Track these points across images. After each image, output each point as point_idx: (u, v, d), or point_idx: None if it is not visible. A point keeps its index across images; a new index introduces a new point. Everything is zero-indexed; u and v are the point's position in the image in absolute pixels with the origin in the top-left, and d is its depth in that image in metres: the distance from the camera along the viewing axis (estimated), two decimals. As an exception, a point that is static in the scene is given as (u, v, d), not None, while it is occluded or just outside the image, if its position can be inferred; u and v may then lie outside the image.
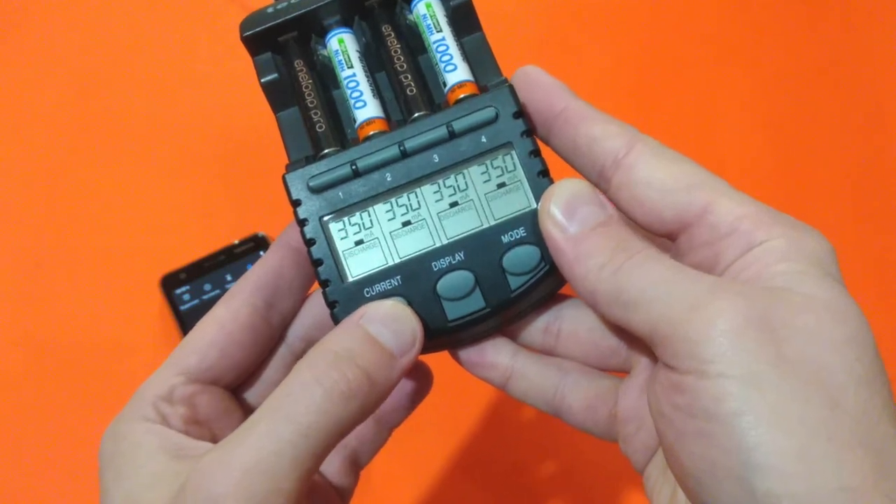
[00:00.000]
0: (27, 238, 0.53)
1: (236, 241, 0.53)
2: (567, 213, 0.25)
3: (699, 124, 0.55)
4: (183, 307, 0.49)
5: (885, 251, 0.52)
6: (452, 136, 0.27)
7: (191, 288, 0.51)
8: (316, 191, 0.28)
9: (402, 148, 0.27)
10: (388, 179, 0.27)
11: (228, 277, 0.49)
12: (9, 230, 0.54)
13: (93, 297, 0.51)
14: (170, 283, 0.51)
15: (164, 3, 0.58)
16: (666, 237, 0.26)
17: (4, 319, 0.51)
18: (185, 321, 0.50)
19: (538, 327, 0.29)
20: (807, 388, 0.21)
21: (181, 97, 0.55)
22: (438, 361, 0.30)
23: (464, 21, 0.30)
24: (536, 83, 0.28)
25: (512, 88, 0.27)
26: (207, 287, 0.49)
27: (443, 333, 0.27)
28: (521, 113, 0.27)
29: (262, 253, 0.50)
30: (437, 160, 0.27)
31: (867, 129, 0.54)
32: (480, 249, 0.27)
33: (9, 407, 0.50)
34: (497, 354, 0.29)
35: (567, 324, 0.29)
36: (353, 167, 0.27)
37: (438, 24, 0.29)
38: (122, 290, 0.50)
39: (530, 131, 0.27)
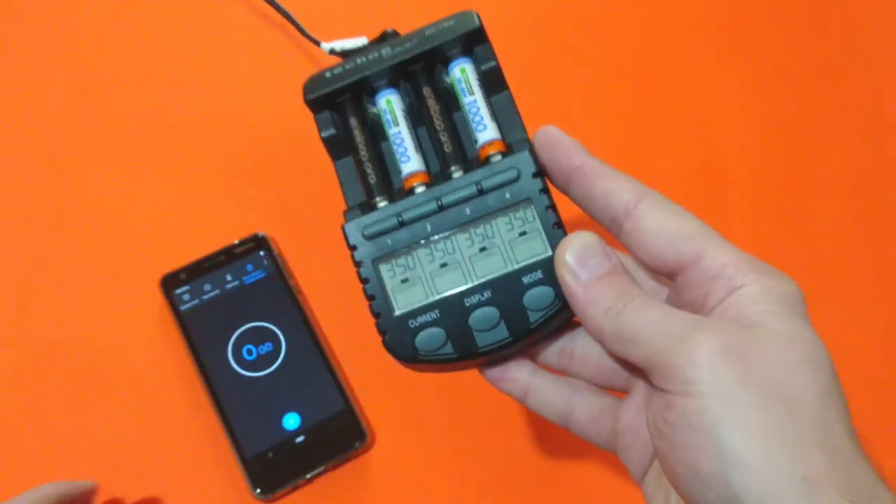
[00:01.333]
0: (27, 238, 0.57)
1: (236, 241, 0.56)
2: (579, 262, 0.32)
3: (699, 125, 0.61)
4: (183, 307, 0.54)
5: (885, 251, 0.57)
6: (481, 192, 0.34)
7: (191, 288, 0.55)
8: (369, 238, 0.34)
9: (439, 203, 0.34)
10: (428, 229, 0.34)
11: (228, 277, 0.52)
12: (9, 230, 0.57)
13: (93, 296, 0.56)
14: (170, 283, 0.54)
15: (166, 3, 0.58)
16: (666, 276, 0.33)
17: (4, 319, 0.55)
18: (185, 321, 0.54)
19: (554, 350, 0.36)
20: (771, 402, 0.27)
21: (181, 97, 0.59)
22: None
23: (493, 82, 0.36)
24: (557, 143, 0.34)
25: (532, 150, 0.34)
26: (207, 287, 0.53)
27: (474, 357, 0.34)
28: (539, 173, 0.34)
29: (262, 253, 0.50)
30: (468, 213, 0.34)
31: (867, 129, 0.58)
32: (505, 289, 0.33)
33: (8, 406, 0.52)
34: (518, 371, 0.36)
35: (579, 348, 0.35)
36: (399, 219, 0.34)
37: (471, 87, 0.36)
38: (122, 290, 0.55)
39: (547, 188, 0.34)
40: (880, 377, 0.53)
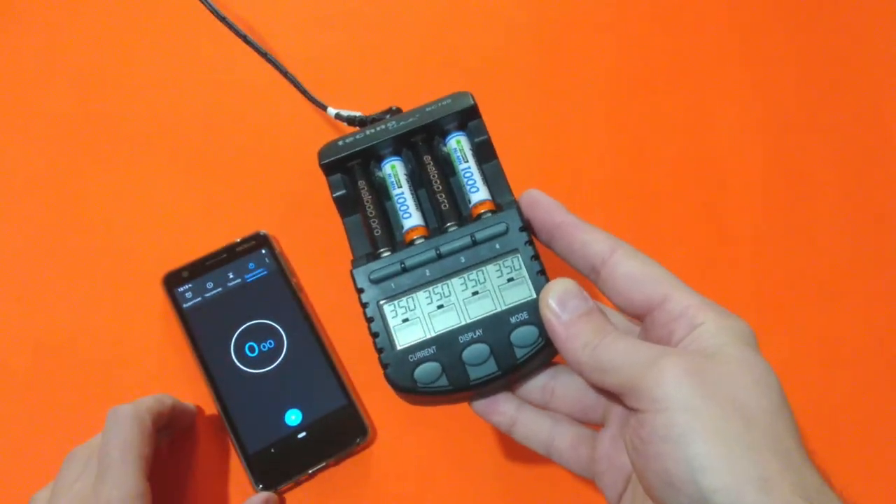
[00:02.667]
0: (29, 237, 0.60)
1: (238, 240, 0.58)
2: (561, 304, 0.37)
3: (698, 126, 0.63)
4: (185, 305, 0.58)
5: (884, 251, 0.59)
6: (475, 243, 0.39)
7: (193, 286, 0.58)
8: (375, 282, 0.39)
9: (437, 251, 0.39)
10: (428, 274, 0.39)
11: (230, 275, 0.55)
12: (11, 229, 0.60)
13: (95, 295, 0.59)
14: (172, 282, 0.58)
15: (169, 6, 0.59)
16: (636, 318, 0.38)
17: (7, 318, 0.58)
18: (188, 319, 0.57)
19: (537, 386, 0.41)
20: (730, 415, 0.32)
21: (183, 97, 0.63)
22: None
23: (484, 153, 0.42)
24: (540, 203, 0.39)
25: (518, 209, 0.40)
26: (210, 285, 0.56)
27: (466, 389, 0.39)
28: (525, 227, 0.39)
29: (263, 251, 0.52)
30: (463, 261, 0.39)
31: (866, 129, 0.60)
32: (494, 327, 0.39)
33: (11, 406, 0.55)
34: (506, 405, 0.41)
35: (559, 386, 0.41)
36: (402, 265, 0.39)
37: (465, 156, 0.42)
38: (125, 289, 0.61)
39: (532, 241, 0.40)
40: (881, 376, 0.54)
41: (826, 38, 0.65)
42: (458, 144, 0.43)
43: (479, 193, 0.41)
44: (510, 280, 0.39)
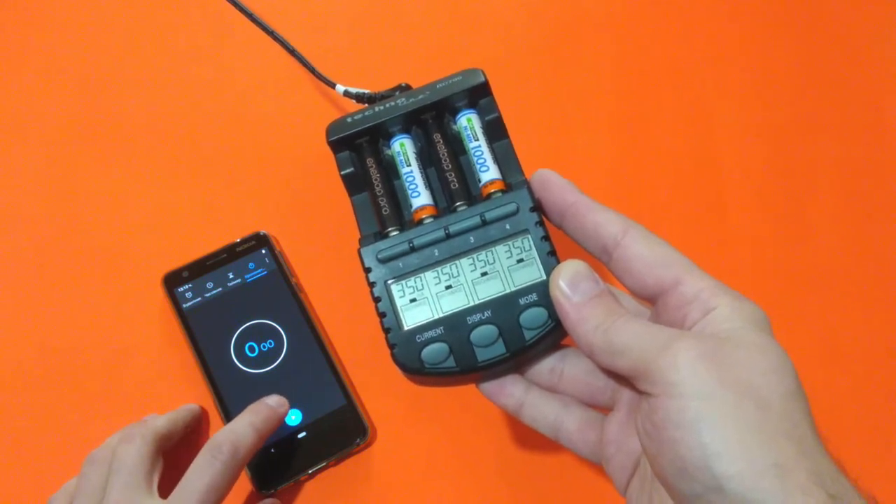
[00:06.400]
0: (29, 237, 0.60)
1: (238, 240, 0.59)
2: (572, 286, 0.37)
3: (698, 127, 0.64)
4: (185, 305, 0.58)
5: (884, 250, 0.60)
6: (484, 223, 0.39)
7: (193, 286, 0.58)
8: (382, 261, 0.39)
9: (446, 231, 0.39)
10: (436, 254, 0.39)
11: (230, 275, 0.55)
12: (11, 229, 0.61)
13: (95, 295, 0.59)
14: (172, 282, 0.58)
15: (168, 6, 0.59)
16: (647, 300, 0.38)
17: (7, 318, 0.58)
18: (188, 319, 0.57)
19: (545, 369, 0.41)
20: (744, 400, 0.32)
21: (182, 96, 0.64)
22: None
23: (495, 131, 0.43)
24: (552, 183, 0.39)
25: (529, 188, 0.40)
26: (210, 285, 0.56)
27: (473, 371, 0.39)
28: (535, 207, 0.40)
29: (263, 251, 0.52)
30: (472, 241, 0.39)
31: (866, 131, 0.61)
32: (503, 309, 0.39)
33: (12, 406, 0.55)
34: (514, 387, 0.41)
35: (568, 368, 0.41)
36: (410, 244, 0.39)
37: (476, 134, 0.42)
38: (125, 289, 0.61)
39: (542, 221, 0.40)
40: (881, 374, 0.55)
41: (826, 38, 0.65)
42: (468, 122, 0.43)
43: (489, 172, 0.41)
44: (520, 261, 0.39)
